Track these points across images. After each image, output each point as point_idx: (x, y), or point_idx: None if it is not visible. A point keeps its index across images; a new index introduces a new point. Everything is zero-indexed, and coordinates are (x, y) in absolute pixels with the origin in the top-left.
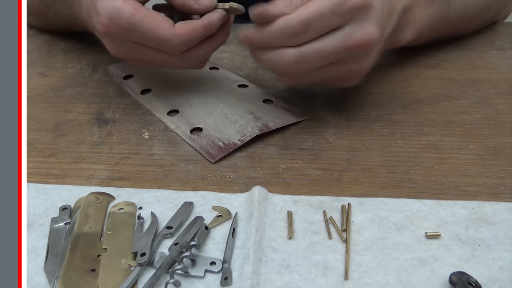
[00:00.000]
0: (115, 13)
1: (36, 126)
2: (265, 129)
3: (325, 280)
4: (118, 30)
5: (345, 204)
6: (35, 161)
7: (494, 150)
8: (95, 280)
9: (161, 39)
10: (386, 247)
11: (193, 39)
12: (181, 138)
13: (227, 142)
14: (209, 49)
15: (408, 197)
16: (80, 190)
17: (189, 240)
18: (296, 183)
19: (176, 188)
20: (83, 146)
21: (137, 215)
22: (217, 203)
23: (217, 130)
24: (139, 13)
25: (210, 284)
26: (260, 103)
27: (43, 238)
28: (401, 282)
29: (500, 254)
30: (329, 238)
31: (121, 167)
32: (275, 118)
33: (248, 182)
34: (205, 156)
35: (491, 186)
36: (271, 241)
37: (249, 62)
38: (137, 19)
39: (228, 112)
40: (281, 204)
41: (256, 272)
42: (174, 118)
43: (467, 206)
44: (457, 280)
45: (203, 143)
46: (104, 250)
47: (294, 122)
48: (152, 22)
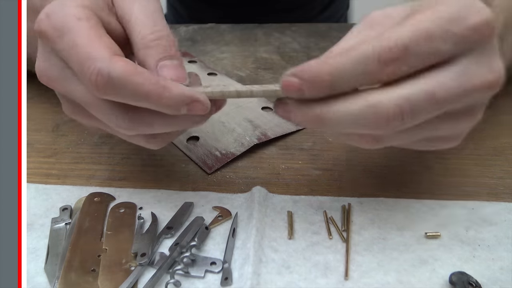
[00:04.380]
0: (52, 10)
1: (36, 127)
2: (264, 138)
3: (325, 280)
4: (49, 30)
5: (345, 204)
6: (35, 162)
7: (494, 150)
8: (95, 280)
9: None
10: (386, 247)
11: (127, 82)
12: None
13: (224, 152)
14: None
15: (408, 197)
16: (80, 190)
17: (189, 240)
18: (296, 183)
19: (176, 188)
20: (83, 147)
21: (137, 215)
22: (217, 203)
23: (214, 139)
24: (83, 20)
25: (210, 284)
26: (259, 111)
27: (43, 239)
28: (401, 282)
29: (500, 254)
30: (329, 238)
31: (121, 167)
32: (274, 126)
33: (248, 182)
34: (201, 166)
35: (491, 186)
36: (271, 241)
37: (249, 62)
38: (73, 23)
39: (225, 120)
40: (281, 204)
41: (257, 272)
42: None
43: (467, 206)
44: (457, 280)
45: (199, 152)
46: (104, 250)
47: (293, 130)
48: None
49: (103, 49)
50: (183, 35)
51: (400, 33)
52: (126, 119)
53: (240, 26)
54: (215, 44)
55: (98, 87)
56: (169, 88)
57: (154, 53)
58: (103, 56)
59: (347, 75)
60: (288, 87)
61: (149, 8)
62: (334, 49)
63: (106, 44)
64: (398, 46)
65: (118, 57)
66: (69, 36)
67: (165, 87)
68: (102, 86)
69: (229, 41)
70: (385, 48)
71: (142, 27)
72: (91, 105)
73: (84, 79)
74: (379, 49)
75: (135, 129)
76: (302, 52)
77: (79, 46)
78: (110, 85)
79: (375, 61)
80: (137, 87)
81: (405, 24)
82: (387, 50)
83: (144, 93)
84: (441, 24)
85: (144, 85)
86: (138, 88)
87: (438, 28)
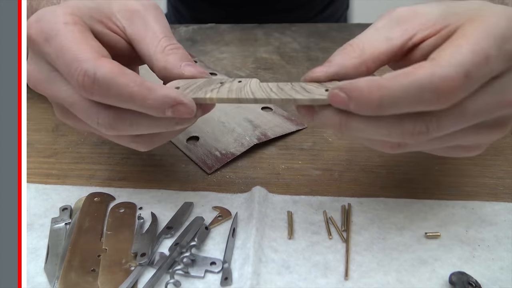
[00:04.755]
0: (42, 16)
1: (36, 127)
2: (264, 138)
3: (325, 280)
4: (37, 33)
5: (345, 204)
6: (35, 162)
7: (494, 150)
8: (95, 280)
9: (74, 58)
10: (386, 247)
11: (111, 84)
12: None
13: (224, 152)
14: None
15: (408, 197)
16: (80, 191)
17: (189, 240)
18: (296, 183)
19: (176, 188)
20: (83, 147)
21: (137, 215)
22: (217, 203)
23: (214, 139)
24: (70, 25)
25: (210, 284)
26: (259, 111)
27: (43, 239)
28: (401, 282)
29: (500, 254)
30: (329, 238)
31: (121, 167)
32: (274, 126)
33: (248, 182)
34: (201, 166)
35: (491, 186)
36: (271, 241)
37: (249, 62)
38: (61, 27)
39: (225, 120)
40: (281, 204)
41: (256, 272)
42: None
43: (467, 206)
44: (457, 280)
45: (199, 152)
46: (104, 250)
47: (293, 130)
48: (74, 37)
49: (90, 51)
50: (183, 35)
51: (459, 59)
52: (106, 118)
53: (240, 26)
54: (215, 44)
55: (85, 88)
56: (154, 90)
57: (177, 57)
58: (90, 57)
59: (398, 101)
60: (334, 100)
61: (165, 26)
62: (355, 43)
63: (92, 47)
64: (459, 74)
65: (104, 59)
66: (56, 40)
67: (150, 89)
68: (89, 87)
69: (229, 41)
70: (445, 78)
71: (161, 40)
72: (74, 105)
73: (72, 80)
74: (438, 80)
75: (116, 129)
76: (302, 52)
77: (66, 48)
78: (96, 85)
79: (433, 92)
80: (122, 88)
81: (459, 43)
82: (448, 80)
83: (129, 94)
84: (496, 44)
85: (129, 86)
86: (124, 89)
87: (494, 48)
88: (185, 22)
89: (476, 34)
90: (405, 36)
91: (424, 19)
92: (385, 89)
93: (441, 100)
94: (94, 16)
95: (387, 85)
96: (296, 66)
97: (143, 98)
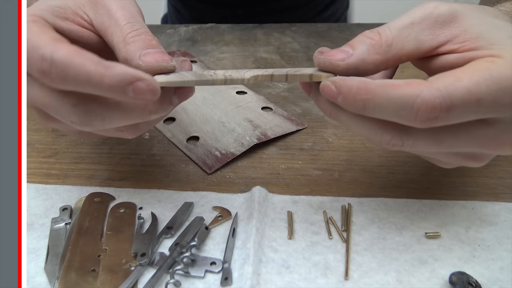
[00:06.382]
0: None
1: (36, 127)
2: (264, 138)
3: (325, 280)
4: None
5: (345, 204)
6: (35, 162)
7: None
8: (95, 280)
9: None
10: (386, 247)
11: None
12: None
13: (224, 152)
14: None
15: (408, 197)
16: (80, 190)
17: (189, 240)
18: (296, 183)
19: (176, 188)
20: (83, 147)
21: (137, 215)
22: (217, 203)
23: (214, 139)
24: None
25: (210, 284)
26: (259, 111)
27: (43, 239)
28: (401, 282)
29: (500, 254)
30: (329, 238)
31: (121, 167)
32: (274, 126)
33: (248, 182)
34: (202, 166)
35: (491, 186)
36: (271, 241)
37: (249, 62)
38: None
39: (225, 120)
40: (281, 204)
41: (256, 272)
42: (170, 126)
43: (467, 206)
44: (457, 280)
45: (199, 152)
46: (104, 250)
47: (293, 130)
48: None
49: (47, 38)
50: (183, 35)
51: (451, 91)
52: (75, 115)
53: (240, 26)
54: (215, 44)
55: (44, 73)
56: (111, 67)
57: (137, 46)
58: (46, 43)
59: (380, 108)
60: (325, 91)
61: (129, 12)
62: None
63: (51, 36)
64: (441, 105)
65: (62, 43)
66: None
67: (108, 67)
68: (47, 71)
69: (229, 41)
70: (427, 104)
71: (123, 28)
72: (47, 106)
73: (33, 70)
74: (420, 102)
75: (90, 125)
76: (302, 52)
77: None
78: (54, 68)
79: (412, 113)
80: (79, 68)
81: (461, 77)
82: (429, 106)
83: (86, 74)
84: (497, 94)
85: (86, 65)
86: (80, 69)
87: (492, 96)
88: (185, 22)
89: (484, 75)
90: (435, 43)
91: (459, 29)
92: (372, 94)
93: (417, 121)
94: (57, 13)
95: (375, 91)
96: (296, 66)
97: (101, 77)
